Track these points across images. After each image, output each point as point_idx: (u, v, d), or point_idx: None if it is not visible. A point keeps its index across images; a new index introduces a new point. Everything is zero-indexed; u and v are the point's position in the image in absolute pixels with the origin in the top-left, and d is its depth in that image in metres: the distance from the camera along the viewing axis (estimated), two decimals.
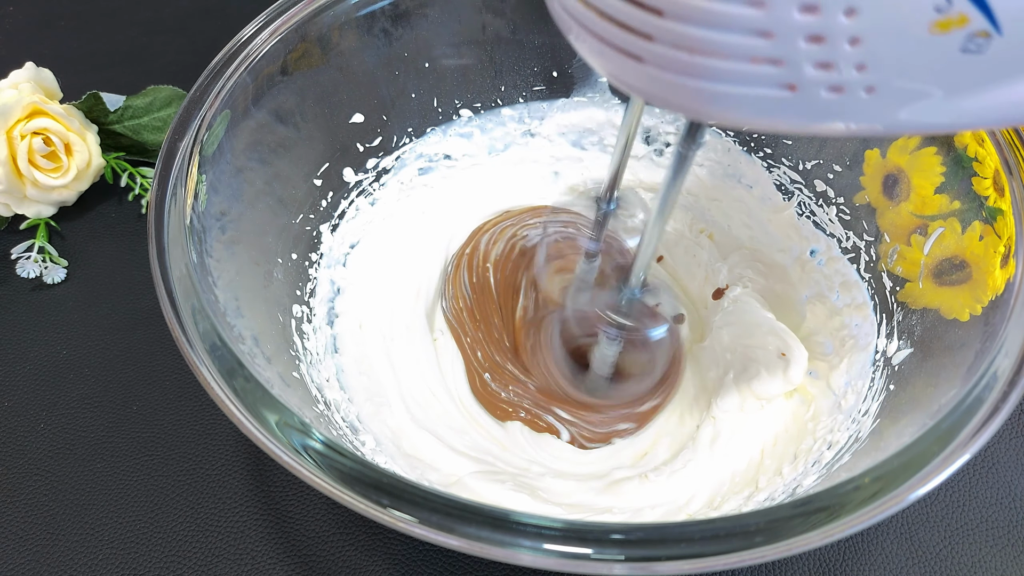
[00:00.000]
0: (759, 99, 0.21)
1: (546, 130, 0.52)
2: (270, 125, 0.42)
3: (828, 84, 0.20)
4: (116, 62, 0.67)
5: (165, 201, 0.35)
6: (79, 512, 0.43)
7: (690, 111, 0.24)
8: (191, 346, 0.31)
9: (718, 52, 0.20)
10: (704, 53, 0.20)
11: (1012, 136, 0.36)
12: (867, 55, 0.19)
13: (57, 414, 0.47)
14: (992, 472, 0.44)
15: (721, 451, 0.41)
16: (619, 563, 0.26)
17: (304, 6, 0.42)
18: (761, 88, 0.21)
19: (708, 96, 0.21)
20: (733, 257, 0.50)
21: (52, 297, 0.52)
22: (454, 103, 0.50)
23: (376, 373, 0.45)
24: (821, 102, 0.21)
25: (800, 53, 0.19)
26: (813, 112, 0.21)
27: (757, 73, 0.20)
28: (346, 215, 0.48)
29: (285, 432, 0.29)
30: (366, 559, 0.41)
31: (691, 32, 0.20)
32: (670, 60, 0.21)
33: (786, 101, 0.21)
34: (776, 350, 0.43)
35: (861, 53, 0.19)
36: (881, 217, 0.43)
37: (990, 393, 0.30)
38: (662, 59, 0.21)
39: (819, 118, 0.21)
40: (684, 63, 0.21)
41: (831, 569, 0.41)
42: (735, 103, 0.21)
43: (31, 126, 0.51)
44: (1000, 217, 0.36)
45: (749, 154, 0.49)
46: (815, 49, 0.19)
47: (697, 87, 0.21)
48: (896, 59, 0.20)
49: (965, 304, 0.36)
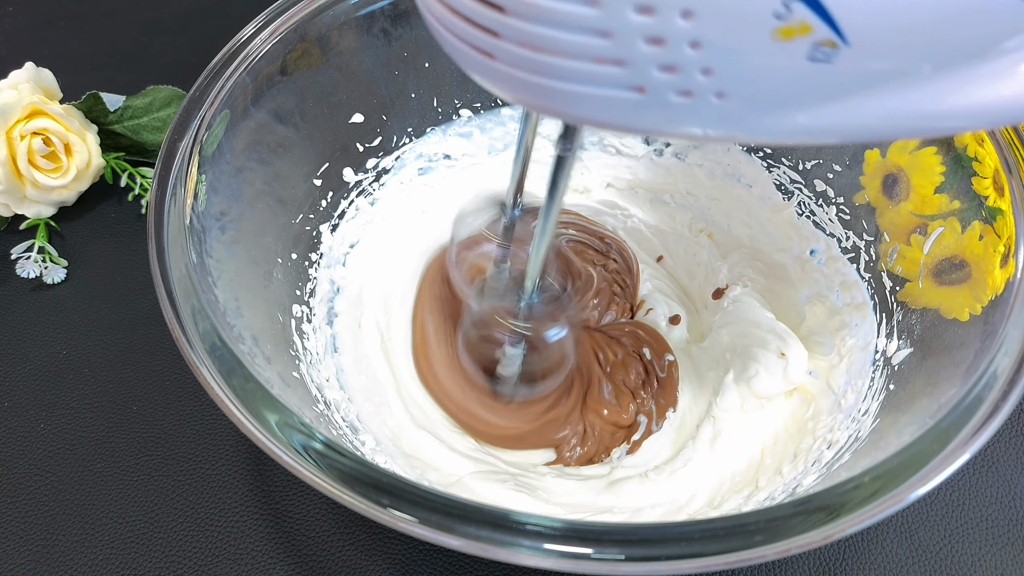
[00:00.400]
0: (611, 100, 0.21)
1: (546, 130, 0.52)
2: (270, 125, 0.42)
3: (676, 88, 0.20)
4: (116, 62, 0.67)
5: (165, 201, 0.35)
6: (79, 512, 0.43)
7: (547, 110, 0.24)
8: (191, 346, 0.31)
9: (561, 51, 0.20)
10: (548, 51, 0.20)
11: (1012, 136, 0.36)
12: (710, 60, 0.19)
13: (57, 414, 0.47)
14: (992, 472, 0.44)
15: (721, 450, 0.41)
16: (619, 563, 0.26)
17: (304, 6, 0.42)
18: (610, 89, 0.20)
19: (560, 96, 0.21)
20: (733, 256, 0.50)
21: (52, 297, 0.52)
22: (454, 103, 0.50)
23: (375, 373, 0.45)
24: (672, 106, 0.20)
25: (642, 55, 0.19)
26: (666, 116, 0.21)
27: (603, 73, 0.20)
28: (346, 215, 0.48)
29: (285, 432, 0.29)
30: (366, 559, 0.41)
31: (533, 30, 0.20)
32: (518, 57, 0.21)
33: (638, 103, 0.21)
34: (776, 350, 0.43)
35: (704, 57, 0.19)
36: (881, 217, 0.43)
37: (990, 392, 0.30)
38: (510, 56, 0.21)
39: (673, 122, 0.21)
40: (531, 61, 0.21)
41: (831, 569, 0.41)
42: (589, 104, 0.21)
43: (31, 126, 0.51)
44: (1000, 217, 0.36)
45: (749, 154, 0.49)
46: (657, 52, 0.19)
47: (547, 86, 0.21)
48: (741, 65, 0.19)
49: (965, 304, 0.36)
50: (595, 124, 0.23)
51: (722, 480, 0.41)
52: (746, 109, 0.20)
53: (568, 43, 0.20)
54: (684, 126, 0.21)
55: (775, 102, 0.20)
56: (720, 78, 0.19)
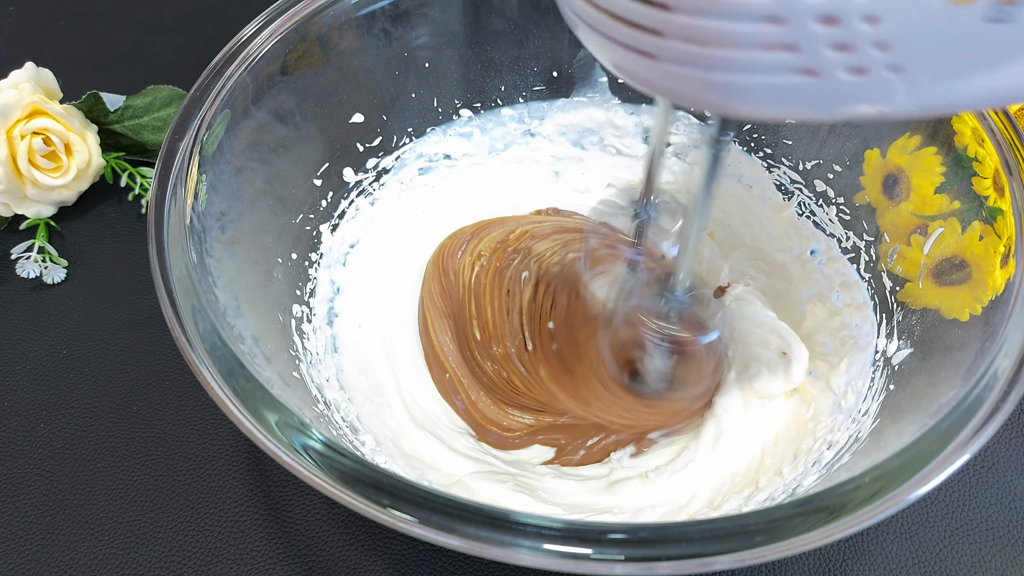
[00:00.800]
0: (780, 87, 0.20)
1: (546, 130, 0.52)
2: (270, 125, 0.42)
3: (849, 66, 0.19)
4: (116, 62, 0.67)
5: (165, 201, 0.35)
6: (79, 512, 0.43)
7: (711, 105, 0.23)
8: (191, 346, 0.31)
9: (730, 42, 0.20)
10: (716, 44, 0.20)
11: (1012, 136, 0.36)
12: (886, 33, 0.19)
13: (57, 414, 0.47)
14: (992, 472, 0.44)
15: (722, 451, 0.41)
16: (619, 563, 0.26)
17: (304, 6, 0.42)
18: (780, 76, 0.20)
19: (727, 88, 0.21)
20: (735, 255, 0.50)
21: (52, 297, 0.52)
22: (454, 103, 0.50)
23: (375, 373, 0.45)
24: (845, 86, 0.20)
25: (815, 36, 0.19)
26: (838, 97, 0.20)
27: (773, 60, 0.20)
28: (346, 215, 0.48)
29: (285, 432, 0.29)
30: (366, 559, 0.41)
31: (700, 24, 0.19)
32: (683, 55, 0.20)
33: (808, 87, 0.20)
34: (777, 349, 0.43)
35: (880, 31, 0.19)
36: (881, 217, 0.43)
37: (990, 393, 0.30)
38: (675, 54, 0.21)
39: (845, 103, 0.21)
40: (697, 56, 0.20)
41: (831, 569, 0.41)
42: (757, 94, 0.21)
43: (31, 126, 0.51)
44: (1000, 217, 0.36)
45: (749, 154, 0.49)
46: (830, 31, 0.19)
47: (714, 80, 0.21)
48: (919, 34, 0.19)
49: (965, 304, 0.36)
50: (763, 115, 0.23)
51: (723, 480, 0.41)
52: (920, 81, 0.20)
53: (736, 33, 0.19)
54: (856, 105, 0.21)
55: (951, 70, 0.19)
56: (896, 52, 0.19)
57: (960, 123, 0.38)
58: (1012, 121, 0.37)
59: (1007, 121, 0.37)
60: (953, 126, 0.38)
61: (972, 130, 0.37)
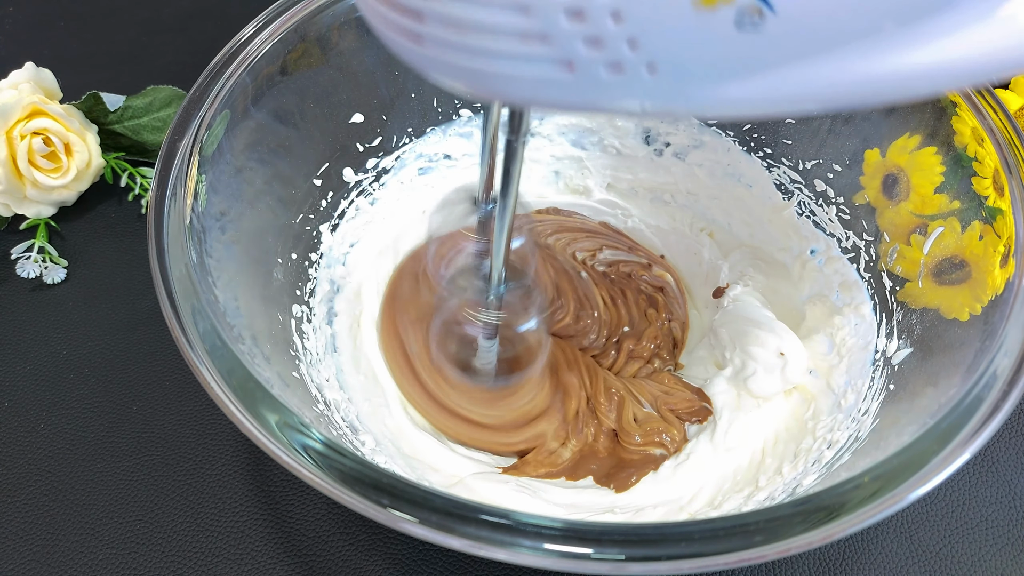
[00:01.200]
0: (544, 79, 0.20)
1: (546, 130, 0.52)
2: (270, 125, 0.42)
3: (605, 63, 0.19)
4: (116, 62, 0.67)
5: (165, 201, 0.35)
6: (79, 512, 0.43)
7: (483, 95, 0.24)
8: (191, 346, 0.31)
9: (484, 29, 0.20)
10: (472, 32, 0.20)
11: (1012, 136, 0.36)
12: (635, 31, 0.19)
13: (57, 414, 0.47)
14: (992, 472, 0.44)
15: (722, 450, 0.41)
16: (619, 563, 0.26)
17: (304, 6, 0.42)
18: (539, 67, 0.20)
19: (493, 78, 0.21)
20: (734, 255, 0.50)
21: (52, 297, 0.52)
22: (454, 103, 0.50)
23: (375, 373, 0.45)
24: (605, 81, 0.20)
25: (565, 30, 0.19)
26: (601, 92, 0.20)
27: (529, 52, 0.20)
28: (346, 215, 0.48)
29: (285, 432, 0.29)
30: (366, 559, 0.41)
31: (453, 10, 0.20)
32: (443, 40, 0.21)
33: (569, 80, 0.20)
34: (776, 349, 0.43)
35: (627, 29, 0.19)
36: (881, 217, 0.43)
37: (990, 392, 0.30)
38: (437, 39, 0.21)
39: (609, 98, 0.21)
40: (457, 43, 0.20)
41: (831, 569, 0.41)
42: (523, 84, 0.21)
43: (31, 126, 0.51)
44: (1000, 217, 0.36)
45: (749, 154, 0.49)
46: (579, 26, 0.19)
47: (478, 68, 0.21)
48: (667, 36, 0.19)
49: (965, 304, 0.36)
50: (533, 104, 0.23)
51: (723, 480, 0.41)
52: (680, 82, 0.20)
53: (489, 22, 0.19)
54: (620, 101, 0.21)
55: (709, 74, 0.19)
56: (647, 51, 0.19)
57: (960, 123, 0.38)
58: (1012, 121, 0.37)
59: (1007, 121, 0.37)
60: (953, 126, 0.38)
61: (972, 130, 0.37)
